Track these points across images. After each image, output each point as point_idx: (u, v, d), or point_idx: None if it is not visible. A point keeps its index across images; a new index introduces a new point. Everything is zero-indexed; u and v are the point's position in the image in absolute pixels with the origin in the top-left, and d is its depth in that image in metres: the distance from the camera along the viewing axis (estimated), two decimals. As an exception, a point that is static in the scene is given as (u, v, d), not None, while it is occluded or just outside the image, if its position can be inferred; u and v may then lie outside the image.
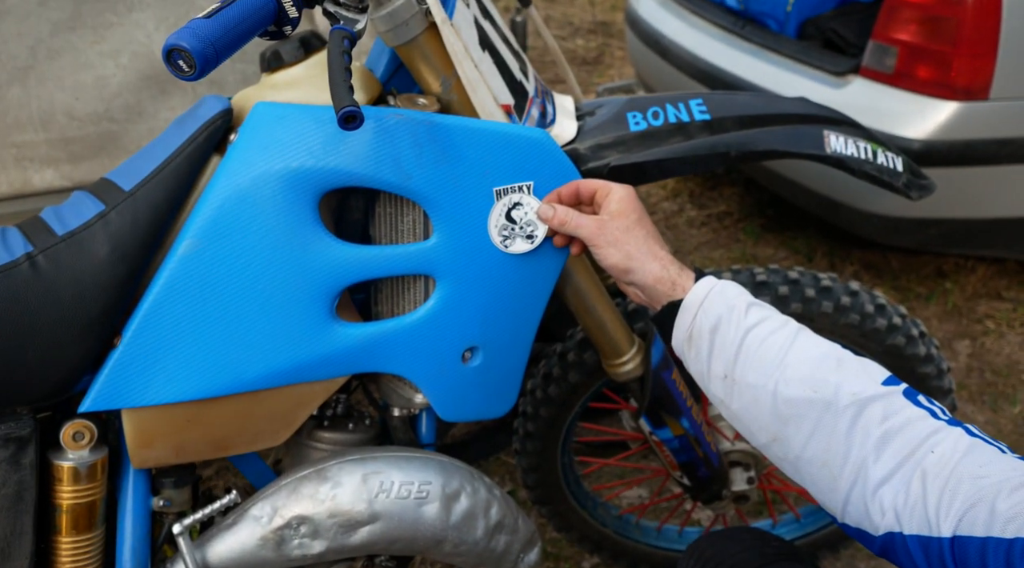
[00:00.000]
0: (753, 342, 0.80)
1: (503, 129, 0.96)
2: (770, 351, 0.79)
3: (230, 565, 0.97)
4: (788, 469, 0.79)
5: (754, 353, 0.80)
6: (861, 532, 0.72)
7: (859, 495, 0.71)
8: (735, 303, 0.83)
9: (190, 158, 0.91)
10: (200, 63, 0.67)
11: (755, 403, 0.79)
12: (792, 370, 0.77)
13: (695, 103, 1.14)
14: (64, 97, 1.39)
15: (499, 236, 0.97)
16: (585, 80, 3.61)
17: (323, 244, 0.91)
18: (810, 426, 0.75)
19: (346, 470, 0.98)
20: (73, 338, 0.87)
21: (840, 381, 0.75)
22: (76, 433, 0.91)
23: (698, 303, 0.84)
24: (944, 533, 0.64)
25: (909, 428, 0.70)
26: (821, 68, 2.15)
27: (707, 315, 0.83)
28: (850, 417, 0.73)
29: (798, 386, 0.76)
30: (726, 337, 0.82)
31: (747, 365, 0.80)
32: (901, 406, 0.72)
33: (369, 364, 0.98)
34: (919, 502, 0.67)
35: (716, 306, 0.83)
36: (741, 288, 0.86)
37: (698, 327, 0.84)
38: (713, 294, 0.84)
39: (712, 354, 0.83)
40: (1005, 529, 0.62)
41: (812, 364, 0.77)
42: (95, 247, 0.88)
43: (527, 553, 1.10)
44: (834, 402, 0.74)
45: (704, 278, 0.86)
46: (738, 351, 0.81)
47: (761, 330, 0.81)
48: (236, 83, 1.47)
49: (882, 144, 1.20)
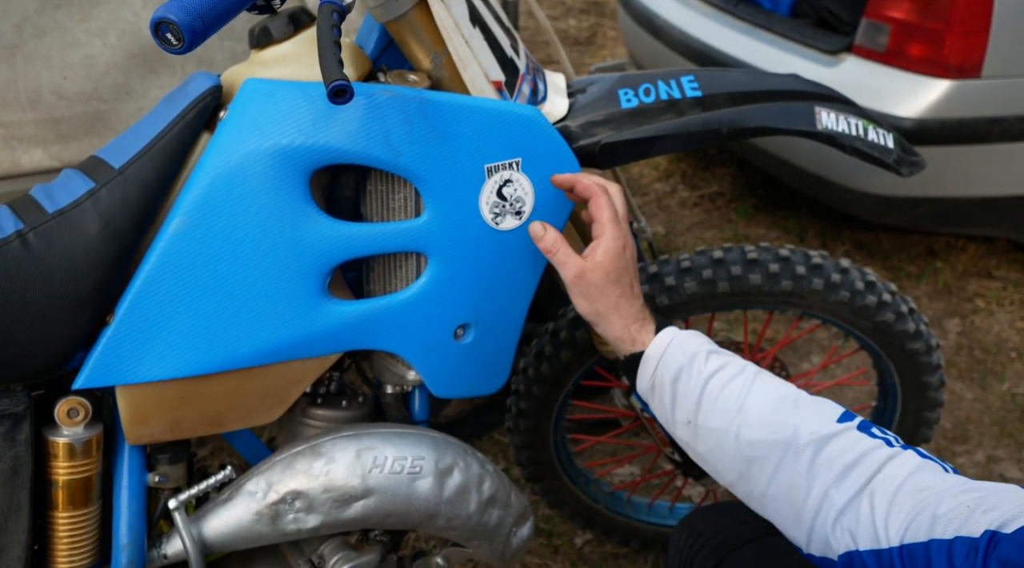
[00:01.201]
0: (714, 389, 0.84)
1: (494, 106, 0.96)
2: (731, 397, 0.83)
3: (226, 540, 0.98)
4: (755, 505, 0.83)
5: (715, 399, 0.84)
6: (825, 560, 0.77)
7: (822, 525, 0.76)
8: (695, 352, 0.87)
9: (180, 135, 0.91)
10: (188, 36, 0.67)
11: (719, 446, 0.84)
12: (753, 414, 0.82)
13: (686, 80, 1.14)
14: (51, 76, 1.38)
15: (490, 213, 0.97)
16: (578, 60, 3.59)
17: (314, 221, 0.91)
18: (773, 465, 0.79)
19: (340, 446, 0.99)
20: (65, 315, 0.87)
21: (799, 422, 0.79)
22: (70, 410, 0.91)
23: (658, 356, 0.89)
24: (893, 543, 0.70)
25: (865, 459, 0.75)
26: (814, 47, 2.14)
27: (668, 367, 0.88)
28: (810, 455, 0.77)
29: (759, 429, 0.81)
30: (688, 386, 0.86)
31: (709, 411, 0.84)
32: (856, 440, 0.77)
33: (361, 341, 0.98)
34: (868, 518, 0.72)
35: (676, 358, 0.88)
36: (702, 337, 0.90)
37: (660, 378, 0.89)
38: (673, 346, 0.89)
39: (675, 402, 0.87)
40: (945, 531, 0.67)
41: (771, 406, 0.82)
42: (86, 225, 0.87)
43: (520, 527, 1.12)
44: (794, 442, 0.78)
45: (664, 330, 0.91)
46: (700, 398, 0.85)
47: (721, 377, 0.85)
48: (225, 61, 1.46)
49: (873, 121, 1.21)
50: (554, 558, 1.61)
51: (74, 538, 0.94)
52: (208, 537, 0.98)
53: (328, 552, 1.05)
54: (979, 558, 0.64)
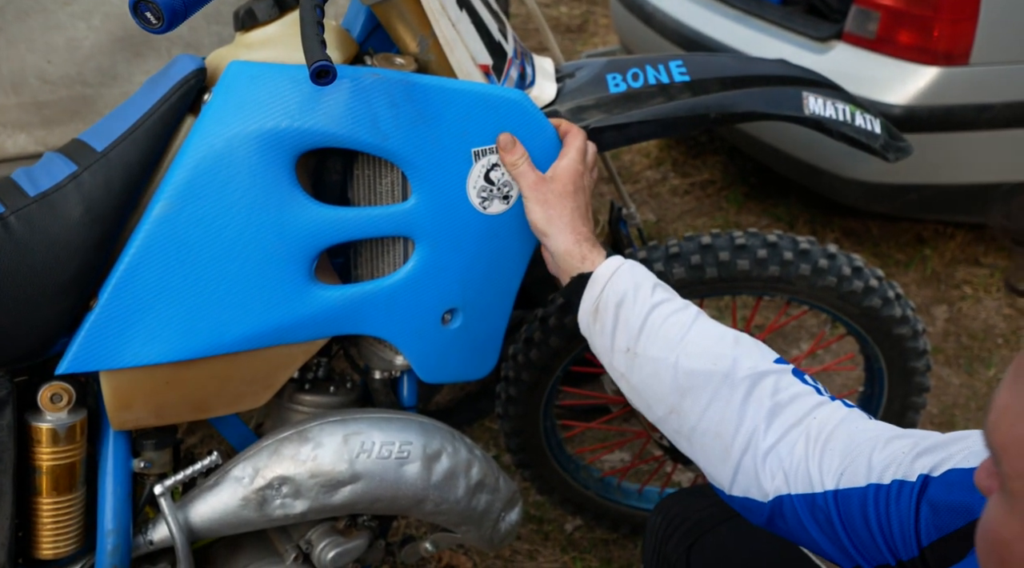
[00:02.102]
0: (657, 318, 0.85)
1: (481, 90, 0.95)
2: (673, 327, 0.84)
3: (212, 525, 0.98)
4: (682, 442, 0.84)
5: (658, 328, 0.84)
6: (748, 501, 0.78)
7: (750, 462, 0.77)
8: (641, 281, 0.88)
9: (164, 118, 0.90)
10: (168, 15, 0.66)
11: (655, 376, 0.84)
12: (694, 345, 0.82)
13: (675, 65, 1.13)
14: (35, 59, 1.36)
15: (478, 197, 0.97)
16: (569, 48, 3.58)
17: (300, 205, 0.91)
18: (707, 397, 0.80)
19: (327, 431, 0.99)
20: (47, 300, 0.86)
21: (738, 355, 0.81)
22: (54, 395, 0.90)
23: (605, 278, 0.88)
24: (828, 487, 0.71)
25: (797, 401, 0.77)
26: (804, 34, 2.14)
27: (614, 290, 0.88)
28: (745, 389, 0.79)
29: (699, 359, 0.81)
30: (631, 311, 0.86)
31: (650, 339, 0.84)
32: (790, 382, 0.79)
33: (349, 326, 0.98)
34: (802, 463, 0.73)
35: (623, 282, 0.88)
36: (648, 271, 0.90)
37: (604, 301, 0.88)
38: (621, 271, 0.88)
39: (616, 327, 0.87)
40: (883, 476, 0.68)
41: (713, 340, 0.83)
42: (68, 208, 0.87)
43: (508, 512, 1.12)
44: (731, 374, 0.79)
45: (613, 257, 0.91)
46: (642, 325, 0.85)
47: (666, 308, 0.86)
48: (212, 45, 1.44)
49: (860, 106, 1.21)
50: (544, 543, 1.62)
51: (58, 524, 0.93)
52: (194, 523, 0.97)
53: (316, 537, 1.05)
54: (912, 501, 0.66)
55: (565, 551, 1.61)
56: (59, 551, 0.94)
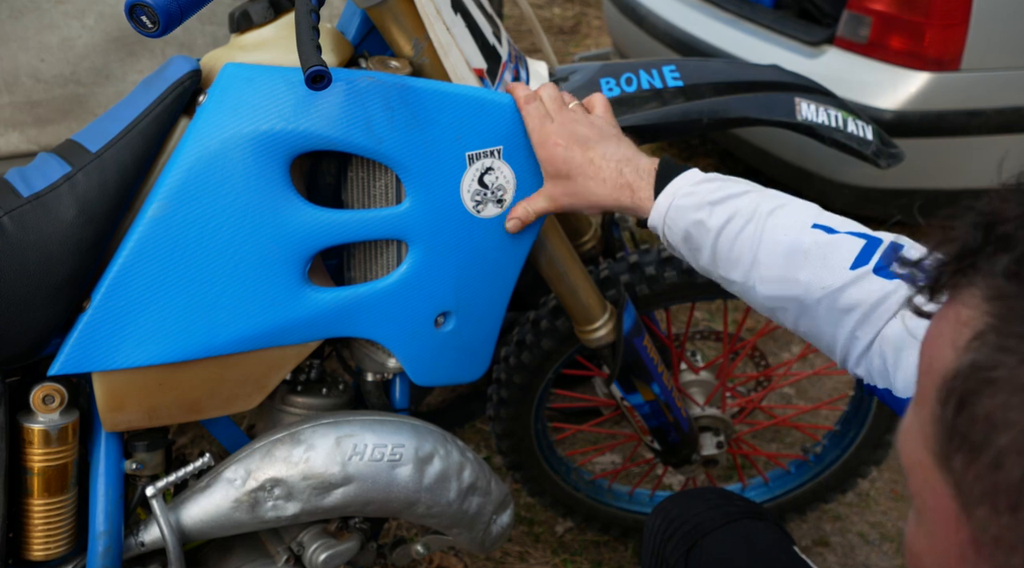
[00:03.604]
0: (724, 245, 0.82)
1: (475, 93, 0.95)
2: (743, 250, 0.81)
3: (204, 527, 0.98)
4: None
5: (728, 255, 0.82)
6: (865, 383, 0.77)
7: (852, 365, 0.77)
8: (698, 207, 0.83)
9: (158, 119, 0.90)
10: (164, 19, 0.66)
11: (744, 294, 0.84)
12: (764, 269, 0.80)
13: (668, 70, 1.14)
14: (29, 59, 1.36)
15: (471, 201, 0.97)
16: (562, 50, 3.58)
17: (294, 208, 0.91)
18: (793, 315, 0.79)
19: (319, 433, 0.99)
20: (40, 301, 0.86)
21: (809, 278, 0.77)
22: (46, 396, 0.90)
23: (661, 222, 0.86)
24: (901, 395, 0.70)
25: (884, 303, 0.73)
26: (796, 38, 2.15)
27: (674, 232, 0.86)
28: (825, 308, 0.76)
29: (773, 285, 0.80)
30: (700, 242, 0.84)
31: (726, 267, 0.83)
32: (871, 285, 0.74)
33: (341, 329, 0.98)
34: (881, 367, 0.72)
35: (679, 222, 0.85)
36: (702, 186, 0.85)
37: (670, 240, 0.87)
38: (672, 211, 0.85)
39: (694, 258, 0.86)
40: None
41: (782, 261, 0.79)
42: (62, 209, 0.86)
43: (500, 515, 1.12)
44: (806, 297, 0.77)
45: (662, 194, 0.86)
46: (714, 256, 0.83)
47: (730, 230, 0.82)
48: (206, 46, 1.44)
49: (853, 112, 1.22)
50: (535, 546, 1.62)
51: (50, 525, 0.93)
52: (186, 525, 0.97)
53: (307, 540, 1.05)
54: None
55: (556, 553, 1.61)
56: (50, 552, 0.94)
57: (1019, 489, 0.33)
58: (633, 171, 0.88)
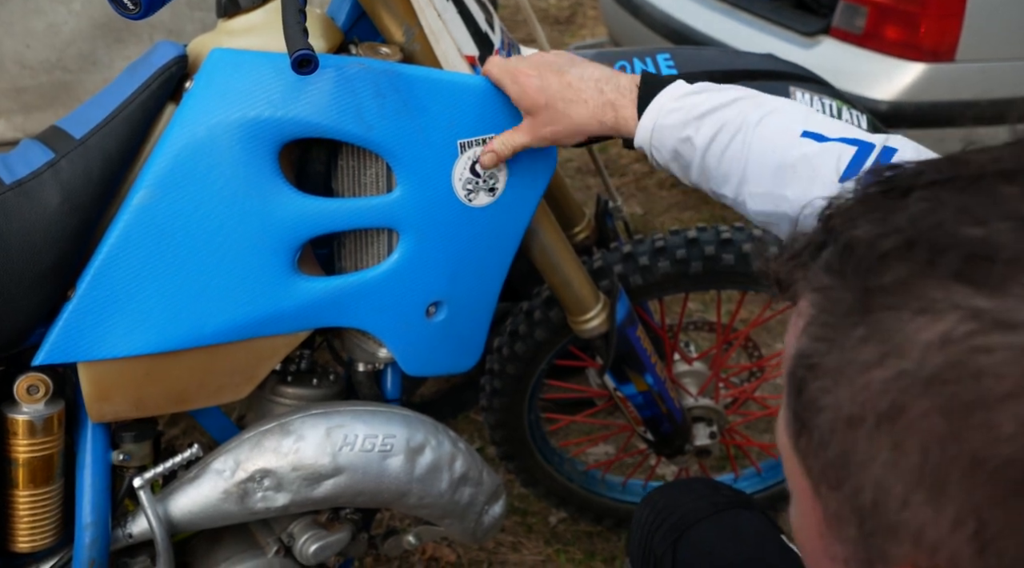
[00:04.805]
0: (712, 160, 0.79)
1: (467, 80, 0.94)
2: (732, 167, 0.78)
3: (193, 518, 0.97)
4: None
5: (715, 171, 0.80)
6: None
7: None
8: (684, 124, 0.81)
9: (144, 106, 0.89)
10: (145, 1, 0.65)
11: (737, 207, 0.81)
12: (753, 184, 0.77)
13: (662, 58, 1.13)
14: (14, 44, 1.34)
15: (463, 189, 0.96)
16: (557, 39, 3.57)
17: (283, 196, 0.90)
18: (786, 230, 0.77)
19: (309, 424, 0.98)
20: (24, 290, 0.85)
21: (797, 195, 0.74)
22: (30, 386, 0.89)
23: (647, 143, 0.83)
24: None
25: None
26: (792, 28, 2.14)
27: (661, 152, 0.83)
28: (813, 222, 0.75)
29: (762, 202, 0.77)
30: (689, 159, 0.81)
31: (716, 182, 0.80)
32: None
33: (332, 318, 0.97)
34: None
35: (666, 141, 0.82)
36: (679, 101, 0.82)
37: (659, 159, 0.84)
38: (657, 131, 0.82)
39: (685, 173, 0.83)
40: None
41: (770, 177, 0.76)
42: (45, 197, 0.85)
43: (492, 505, 1.12)
44: (796, 213, 0.74)
45: (645, 114, 0.83)
46: (703, 171, 0.81)
47: (717, 145, 0.79)
48: (195, 32, 1.42)
49: (847, 102, 1.21)
50: (528, 536, 1.62)
51: (35, 517, 0.92)
52: (174, 516, 0.96)
53: (298, 531, 1.05)
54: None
55: (549, 543, 1.61)
56: (36, 544, 0.93)
57: (838, 467, 0.35)
58: (614, 89, 0.85)
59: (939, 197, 0.34)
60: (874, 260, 0.34)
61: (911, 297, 0.32)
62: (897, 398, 0.32)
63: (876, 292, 0.34)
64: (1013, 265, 0.30)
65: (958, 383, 0.30)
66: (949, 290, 0.31)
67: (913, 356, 0.32)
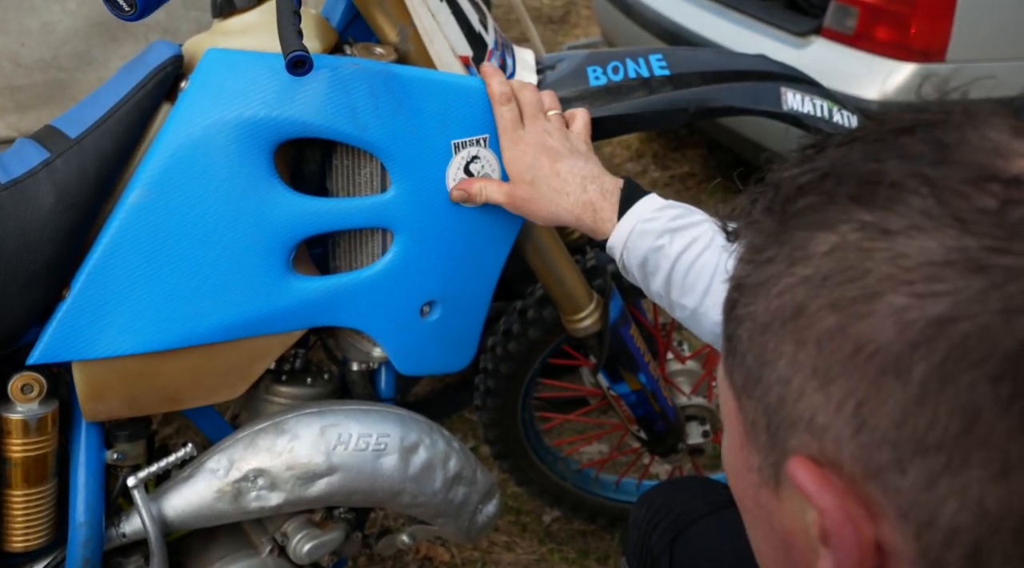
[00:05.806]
0: (681, 270, 0.83)
1: (461, 81, 0.94)
2: (699, 279, 0.82)
3: (187, 518, 0.97)
4: None
5: (682, 282, 0.83)
6: None
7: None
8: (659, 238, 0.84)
9: (139, 105, 0.89)
10: (140, 2, 0.65)
11: (694, 320, 0.84)
12: (719, 295, 0.80)
13: (655, 59, 1.13)
14: (8, 42, 1.34)
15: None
16: (551, 39, 3.57)
17: (278, 196, 0.90)
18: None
19: (303, 423, 0.98)
20: (18, 289, 0.85)
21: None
22: (24, 386, 0.89)
23: (622, 245, 0.86)
24: None
25: None
26: (783, 28, 2.15)
27: (632, 255, 0.86)
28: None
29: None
30: (656, 266, 0.85)
31: (679, 292, 0.83)
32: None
33: (326, 318, 0.97)
34: None
35: (639, 246, 0.85)
36: (657, 212, 0.85)
37: (627, 262, 0.87)
38: (635, 235, 0.85)
39: (647, 282, 0.87)
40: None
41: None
42: (40, 196, 0.85)
43: (486, 504, 1.12)
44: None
45: (625, 218, 0.86)
46: (669, 280, 0.84)
47: (688, 256, 0.83)
48: (191, 32, 1.42)
49: (838, 102, 1.22)
50: (522, 535, 1.62)
51: (29, 516, 0.92)
52: (168, 515, 0.96)
53: (292, 530, 1.05)
54: None
55: (543, 543, 1.61)
56: (30, 544, 0.93)
57: (754, 372, 0.39)
58: (597, 190, 0.88)
59: (852, 145, 0.40)
60: (793, 191, 0.39)
61: (816, 217, 0.37)
62: (799, 300, 0.37)
63: (791, 216, 0.39)
64: (896, 188, 0.35)
65: (846, 282, 0.35)
66: (846, 210, 0.36)
67: (812, 263, 0.36)
